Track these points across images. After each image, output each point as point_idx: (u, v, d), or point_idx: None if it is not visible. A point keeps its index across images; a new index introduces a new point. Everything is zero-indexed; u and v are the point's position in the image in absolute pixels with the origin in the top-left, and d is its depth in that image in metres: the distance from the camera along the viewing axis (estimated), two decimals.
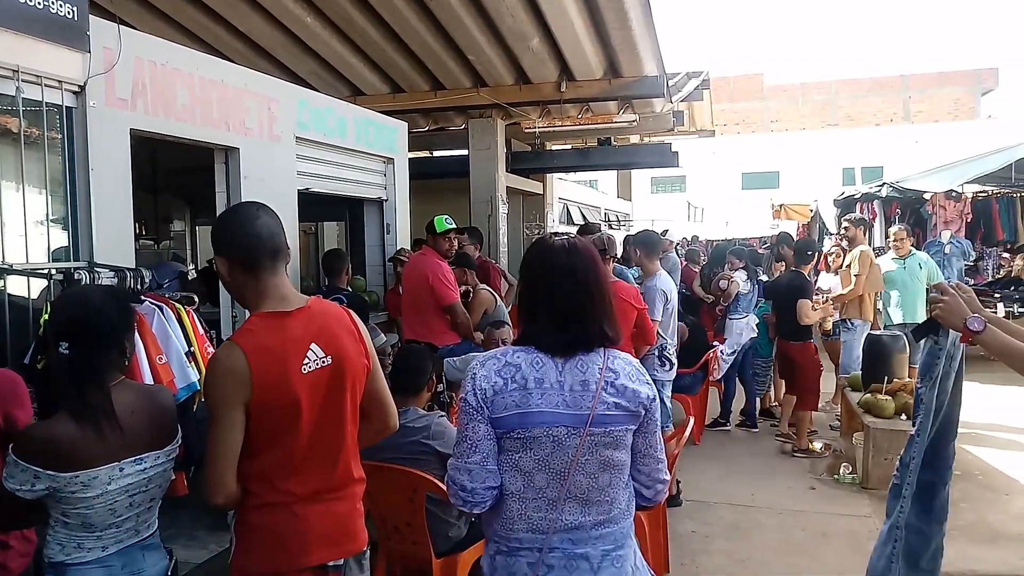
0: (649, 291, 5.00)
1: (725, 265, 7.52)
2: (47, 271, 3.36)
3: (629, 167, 16.00)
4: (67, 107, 3.58)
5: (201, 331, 3.44)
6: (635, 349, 4.86)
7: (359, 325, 2.13)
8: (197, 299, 3.59)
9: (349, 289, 5.67)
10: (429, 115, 10.07)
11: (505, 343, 4.49)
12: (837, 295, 6.83)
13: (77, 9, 3.51)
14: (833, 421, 7.01)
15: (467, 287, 5.54)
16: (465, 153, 9.76)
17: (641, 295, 4.81)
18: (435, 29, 7.26)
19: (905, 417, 5.38)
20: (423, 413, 3.21)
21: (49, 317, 2.19)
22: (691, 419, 4.40)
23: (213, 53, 6.46)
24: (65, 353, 1.92)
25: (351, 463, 2.08)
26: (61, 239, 3.62)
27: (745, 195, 29.72)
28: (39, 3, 3.32)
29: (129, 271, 3.35)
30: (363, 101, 8.28)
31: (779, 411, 7.52)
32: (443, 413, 3.38)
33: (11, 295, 3.29)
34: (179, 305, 3.38)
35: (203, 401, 3.27)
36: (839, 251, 7.46)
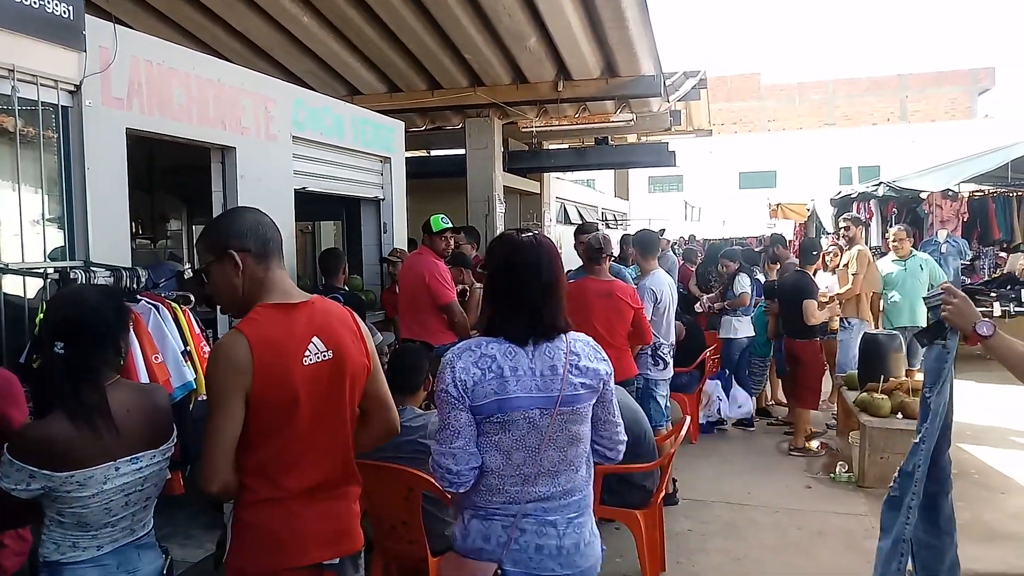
0: (639, 290, 5.02)
1: (719, 266, 7.54)
2: (43, 270, 3.35)
3: (626, 166, 16.01)
4: (63, 106, 3.57)
5: (197, 330, 3.44)
6: (631, 348, 4.88)
7: (361, 326, 2.14)
8: (193, 298, 3.58)
9: (346, 288, 5.67)
10: (426, 114, 10.06)
11: None
12: (835, 295, 6.84)
13: (73, 8, 3.50)
14: (829, 420, 7.03)
15: (464, 286, 5.54)
16: (462, 152, 9.75)
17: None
18: (432, 28, 7.25)
19: (901, 416, 5.40)
20: (420, 412, 3.21)
21: (45, 316, 2.18)
22: (687, 418, 4.41)
23: (209, 52, 6.45)
24: (60, 352, 1.92)
25: (349, 461, 2.08)
26: (57, 238, 3.62)
27: (742, 194, 29.74)
28: (35, 2, 3.32)
29: (125, 270, 3.34)
30: (360, 100, 8.27)
31: (775, 410, 7.55)
32: None
33: (7, 294, 3.28)
34: (175, 304, 3.37)
35: (199, 400, 3.28)
36: (836, 250, 7.47)
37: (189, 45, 6.27)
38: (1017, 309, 8.56)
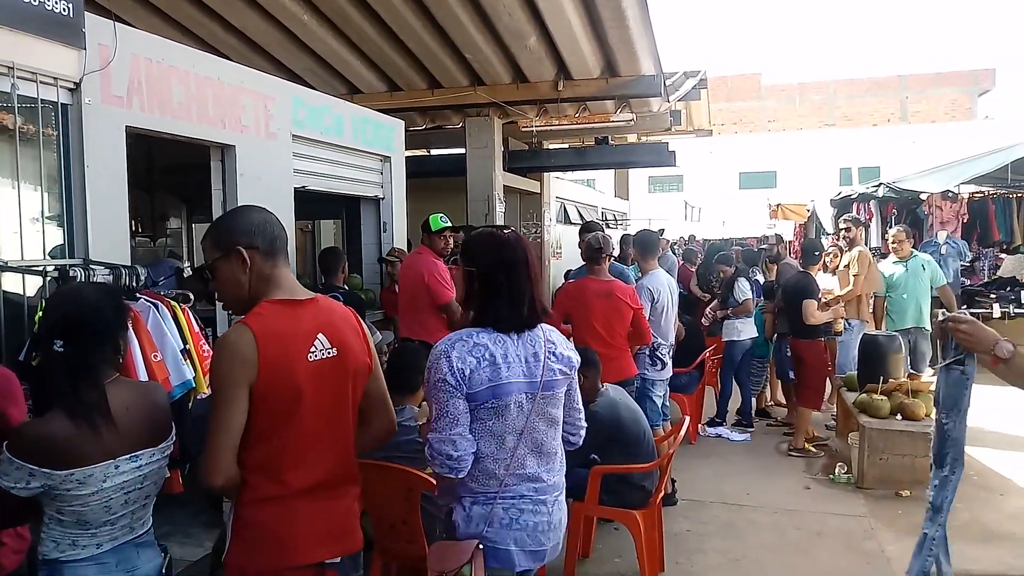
0: (636, 289, 5.03)
1: (717, 271, 7.56)
2: (42, 268, 3.35)
3: (626, 166, 15.98)
4: (63, 104, 3.57)
5: (196, 329, 3.44)
6: (630, 348, 4.88)
7: (363, 325, 2.16)
8: (193, 296, 3.58)
9: (345, 287, 5.66)
10: (426, 113, 10.05)
11: None
12: (835, 296, 6.83)
13: (73, 6, 3.50)
14: (829, 421, 7.03)
15: None
16: (462, 152, 9.74)
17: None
18: (432, 27, 7.25)
19: (901, 417, 5.40)
20: (419, 411, 3.21)
21: (44, 314, 2.18)
22: (687, 418, 4.41)
23: (209, 50, 6.45)
24: (59, 351, 1.91)
25: (350, 460, 2.09)
26: (56, 236, 3.61)
27: (742, 195, 29.73)
28: (35, 0, 3.31)
29: (124, 268, 3.34)
30: (360, 99, 8.27)
31: (775, 411, 7.55)
32: None
33: (6, 292, 3.28)
34: (174, 303, 3.38)
35: (198, 399, 3.28)
36: (836, 251, 7.47)
37: (188, 43, 6.27)
38: (1017, 311, 8.54)
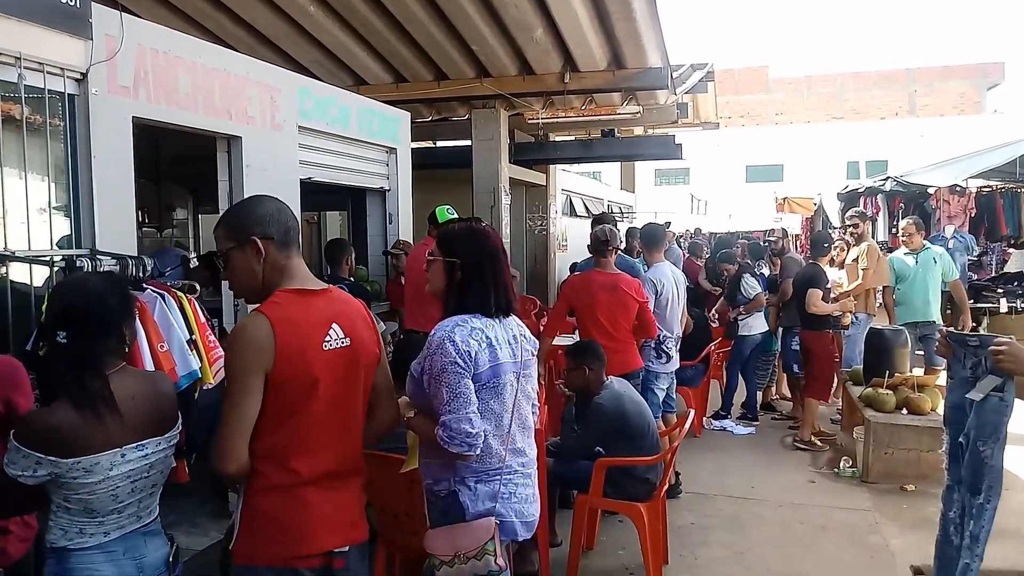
0: (641, 282, 5.02)
1: (721, 270, 7.57)
2: (49, 258, 3.36)
3: (633, 159, 15.92)
4: (69, 94, 3.57)
5: (203, 319, 3.44)
6: (636, 340, 4.87)
7: (372, 317, 2.19)
8: (199, 286, 3.59)
9: (351, 279, 5.67)
10: (432, 105, 10.02)
11: None
12: (846, 290, 6.80)
13: None
14: (834, 415, 7.02)
15: None
16: (468, 144, 9.71)
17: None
18: (439, 19, 7.22)
19: (906, 411, 5.38)
20: (403, 402, 3.21)
21: (48, 304, 2.19)
22: (691, 411, 4.41)
23: (216, 41, 6.44)
24: (65, 340, 1.92)
25: (358, 451, 2.11)
26: (63, 226, 3.62)
27: (749, 188, 29.59)
28: None
29: (131, 259, 3.34)
30: (366, 90, 8.24)
31: (780, 404, 7.54)
32: None
33: (13, 282, 3.29)
34: (181, 293, 3.38)
35: (204, 389, 3.29)
36: (843, 245, 7.44)
37: (195, 34, 6.26)
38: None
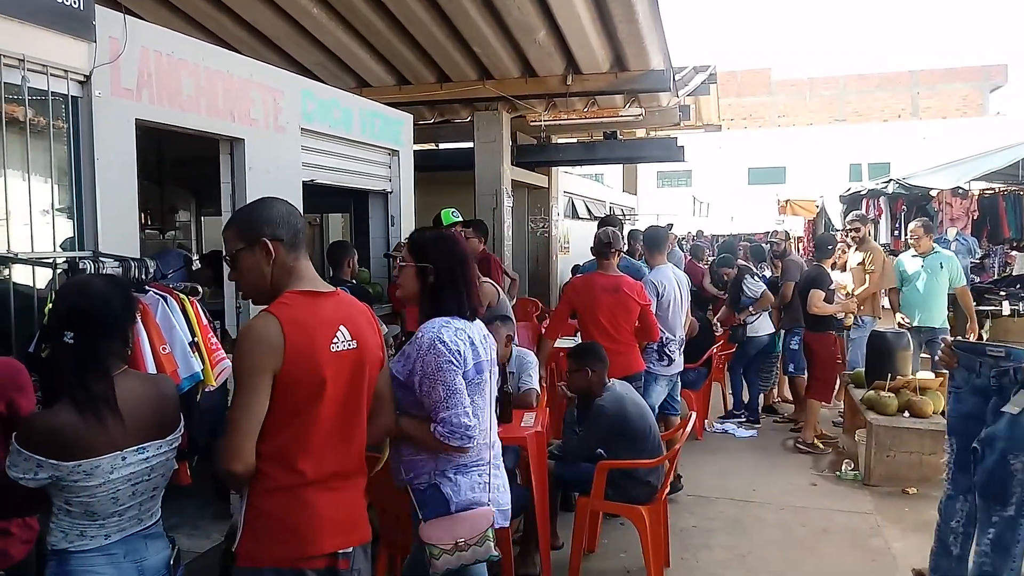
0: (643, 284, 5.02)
1: (720, 275, 7.60)
2: (52, 260, 3.37)
3: (635, 161, 15.91)
4: (72, 96, 3.58)
5: (205, 321, 3.44)
6: (638, 343, 4.87)
7: (377, 321, 2.20)
8: (202, 286, 3.59)
9: (353, 281, 5.67)
10: (435, 107, 10.03)
11: (511, 339, 4.47)
12: (855, 294, 6.78)
13: None
14: (836, 418, 7.01)
15: None
16: (470, 146, 9.72)
17: None
18: (441, 21, 7.23)
19: (908, 414, 5.38)
20: None
21: (53, 306, 2.20)
22: (693, 414, 4.41)
23: (219, 43, 6.45)
24: (69, 342, 1.92)
25: (362, 452, 2.11)
26: (66, 228, 3.63)
27: (751, 190, 29.58)
28: None
29: (134, 261, 3.35)
30: (369, 93, 8.25)
31: (782, 407, 7.54)
32: None
33: (16, 284, 3.30)
34: (183, 295, 3.38)
35: (206, 391, 3.29)
36: (844, 247, 7.43)
37: (198, 35, 6.27)
38: None
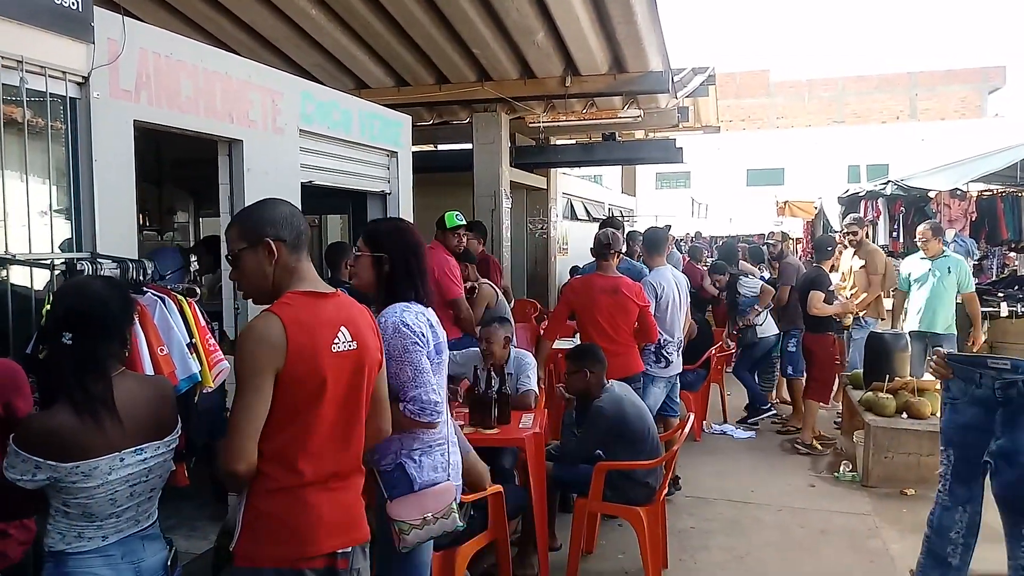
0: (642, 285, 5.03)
1: (713, 281, 7.63)
2: (50, 261, 3.36)
3: (633, 162, 15.94)
4: (71, 98, 3.57)
5: (203, 323, 3.44)
6: (637, 345, 4.87)
7: (376, 323, 2.22)
8: (199, 291, 3.59)
9: (351, 282, 5.66)
10: (433, 109, 10.04)
11: (509, 340, 4.46)
12: (862, 299, 6.78)
13: (82, 0, 3.51)
14: (835, 419, 7.01)
15: (472, 283, 5.55)
16: (469, 147, 9.73)
17: None
18: (440, 22, 7.24)
19: (906, 416, 5.38)
20: None
21: (50, 307, 2.20)
22: (691, 415, 4.41)
23: (217, 45, 6.45)
24: (67, 343, 1.92)
25: (360, 453, 2.12)
26: (64, 230, 3.62)
27: (750, 192, 29.60)
28: None
29: (132, 262, 3.34)
30: (368, 94, 8.26)
31: (780, 408, 7.53)
32: None
33: (14, 285, 3.29)
34: (181, 297, 3.38)
35: (204, 392, 3.29)
36: (840, 248, 7.44)
37: (196, 37, 6.27)
38: None
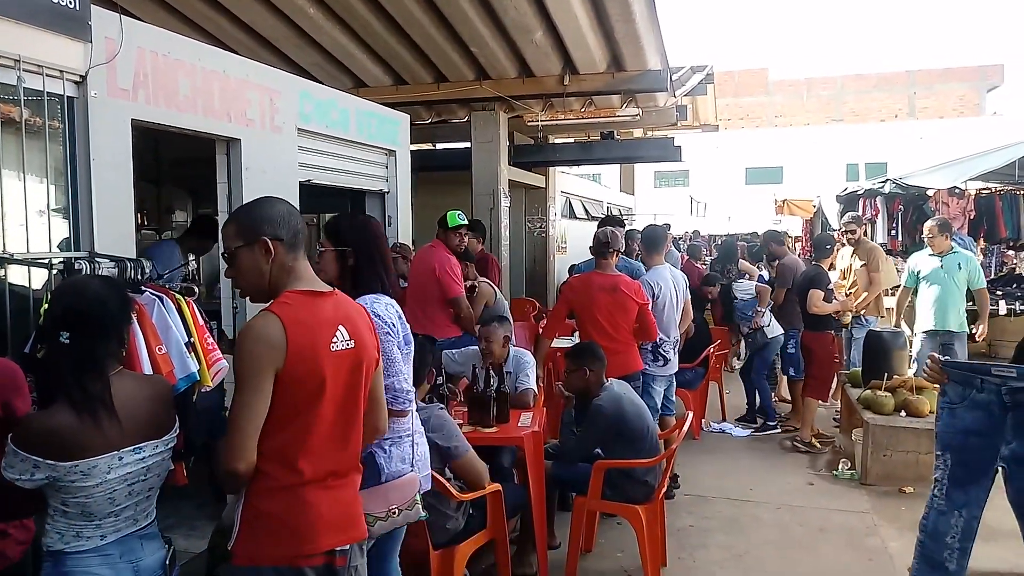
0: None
1: (704, 293, 7.65)
2: (48, 260, 3.36)
3: (632, 161, 15.93)
4: (68, 97, 3.57)
5: (201, 322, 3.44)
6: (636, 343, 4.87)
7: (373, 321, 2.22)
8: (197, 290, 3.59)
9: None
10: (432, 107, 10.03)
11: (508, 339, 4.47)
12: (863, 299, 6.79)
13: None
14: (833, 416, 7.02)
15: (472, 282, 5.55)
16: (467, 146, 9.72)
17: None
18: (438, 21, 7.23)
19: (905, 414, 5.39)
20: (423, 405, 3.22)
21: (48, 306, 2.19)
22: (690, 414, 4.42)
23: (215, 44, 6.44)
24: (65, 343, 1.92)
25: (358, 451, 2.12)
26: (62, 229, 3.62)
27: (748, 190, 29.58)
28: None
29: (130, 261, 3.34)
30: (366, 93, 8.25)
31: (779, 407, 7.53)
32: (442, 405, 3.39)
33: (12, 284, 3.29)
34: (179, 296, 3.38)
35: (202, 391, 3.28)
36: (837, 246, 7.44)
37: (194, 36, 6.27)
38: (1023, 308, 8.51)
